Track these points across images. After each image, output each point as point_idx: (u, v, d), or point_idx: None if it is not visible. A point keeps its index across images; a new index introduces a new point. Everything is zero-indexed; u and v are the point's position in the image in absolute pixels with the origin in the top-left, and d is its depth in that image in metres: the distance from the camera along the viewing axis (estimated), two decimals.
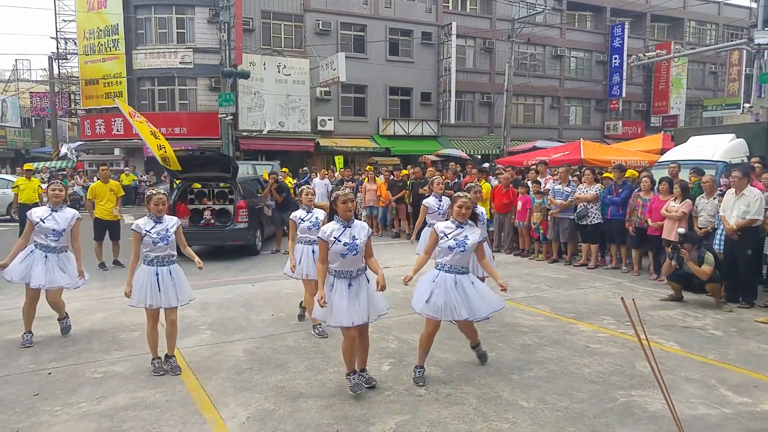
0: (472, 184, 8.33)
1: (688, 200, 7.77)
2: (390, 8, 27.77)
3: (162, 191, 4.83)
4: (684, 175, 8.89)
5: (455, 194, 4.63)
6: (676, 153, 10.45)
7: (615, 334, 5.74)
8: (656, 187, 8.45)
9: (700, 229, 7.55)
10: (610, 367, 4.81)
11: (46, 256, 5.36)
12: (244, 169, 15.42)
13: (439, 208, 6.50)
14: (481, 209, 5.66)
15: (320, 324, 5.53)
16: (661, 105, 34.16)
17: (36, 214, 5.41)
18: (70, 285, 5.51)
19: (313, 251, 5.56)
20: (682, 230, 7.21)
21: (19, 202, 11.61)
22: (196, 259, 4.88)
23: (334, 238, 4.06)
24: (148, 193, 4.77)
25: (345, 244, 4.04)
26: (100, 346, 5.40)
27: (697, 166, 8.90)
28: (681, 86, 33.95)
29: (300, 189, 6.50)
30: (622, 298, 2.86)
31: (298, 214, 5.81)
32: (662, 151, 13.68)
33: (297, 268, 5.68)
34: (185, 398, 4.20)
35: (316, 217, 5.68)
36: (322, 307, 4.09)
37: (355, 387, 4.18)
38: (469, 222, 4.50)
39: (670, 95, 33.75)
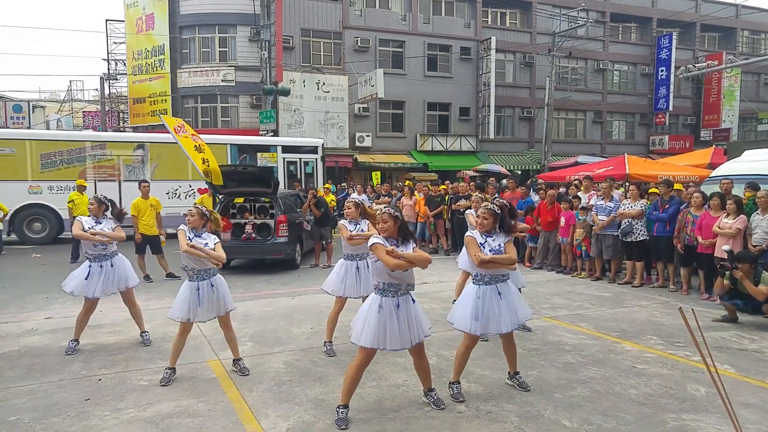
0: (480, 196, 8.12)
1: (742, 216, 7.45)
2: (428, 24, 27.98)
3: (198, 206, 5.06)
4: (738, 190, 8.51)
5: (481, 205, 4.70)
6: (730, 167, 10.01)
7: (663, 355, 5.52)
8: (707, 202, 8.13)
9: (755, 246, 7.22)
10: (659, 389, 4.62)
11: (101, 266, 5.68)
12: None
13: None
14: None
15: (330, 342, 5.57)
16: (712, 118, 32.94)
17: (85, 222, 5.76)
18: (132, 285, 5.91)
19: (357, 267, 5.44)
20: (727, 247, 6.90)
21: (74, 216, 12.08)
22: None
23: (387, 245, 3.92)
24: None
25: None
26: (146, 354, 5.56)
27: (752, 180, 8.53)
28: (734, 98, 32.68)
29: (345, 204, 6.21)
30: (680, 308, 2.72)
31: (345, 222, 5.56)
32: (711, 166, 13.16)
33: (337, 285, 5.52)
34: (227, 408, 4.27)
35: (362, 229, 5.46)
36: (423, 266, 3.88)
37: (340, 422, 3.94)
38: (496, 230, 4.44)
39: (722, 108, 32.52)
